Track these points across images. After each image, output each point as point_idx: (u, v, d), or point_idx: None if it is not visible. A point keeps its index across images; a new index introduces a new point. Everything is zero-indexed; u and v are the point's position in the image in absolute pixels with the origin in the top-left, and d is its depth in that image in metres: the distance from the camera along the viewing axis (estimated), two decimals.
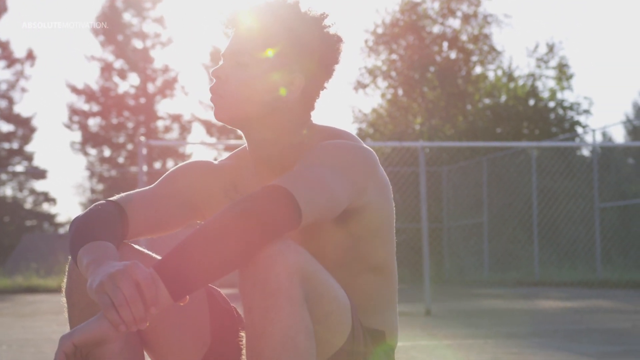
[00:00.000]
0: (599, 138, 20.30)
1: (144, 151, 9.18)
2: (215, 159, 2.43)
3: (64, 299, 2.11)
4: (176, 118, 37.47)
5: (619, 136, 41.20)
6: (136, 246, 2.17)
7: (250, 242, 1.80)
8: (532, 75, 20.82)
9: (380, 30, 23.40)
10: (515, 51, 51.07)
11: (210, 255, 1.78)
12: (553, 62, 20.78)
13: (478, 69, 22.46)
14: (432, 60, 22.14)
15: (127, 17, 37.66)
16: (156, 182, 2.29)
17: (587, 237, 16.78)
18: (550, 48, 20.70)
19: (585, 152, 21.50)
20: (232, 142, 12.15)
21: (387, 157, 18.38)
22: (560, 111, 20.74)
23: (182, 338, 2.14)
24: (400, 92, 22.98)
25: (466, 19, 22.38)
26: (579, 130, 20.79)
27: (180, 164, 2.33)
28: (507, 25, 25.30)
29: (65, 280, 2.11)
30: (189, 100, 61.87)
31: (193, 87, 60.31)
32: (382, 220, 2.13)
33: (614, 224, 17.19)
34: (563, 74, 20.58)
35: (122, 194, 2.20)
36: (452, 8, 22.30)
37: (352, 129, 29.72)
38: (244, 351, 1.87)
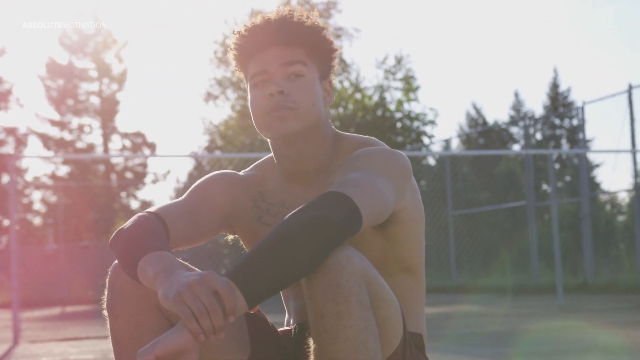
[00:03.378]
0: (439, 148, 20.86)
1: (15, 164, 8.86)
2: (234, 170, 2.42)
3: (105, 312, 2.05)
4: (11, 131, 36.19)
5: (454, 146, 42.52)
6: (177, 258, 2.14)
7: (319, 248, 1.83)
8: (380, 87, 21.26)
9: (229, 41, 23.38)
10: (364, 62, 52.19)
11: (283, 263, 1.80)
12: (400, 74, 21.29)
13: None
14: None
15: None
16: (187, 194, 2.29)
17: (439, 243, 17.27)
18: (399, 60, 21.19)
19: (431, 161, 22.12)
20: (75, 156, 11.89)
21: (235, 166, 18.36)
22: (407, 122, 21.27)
23: (224, 348, 2.11)
24: None
25: None
26: (426, 140, 21.37)
27: (208, 176, 2.34)
28: (357, 38, 25.78)
29: (106, 292, 2.05)
30: (25, 113, 59.97)
31: (29, 100, 58.46)
32: (415, 222, 2.19)
33: (463, 231, 17.76)
34: (409, 85, 21.11)
35: (159, 206, 2.19)
36: None
37: (202, 140, 29.53)
38: (311, 358, 1.86)
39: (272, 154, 2.33)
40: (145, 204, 35.70)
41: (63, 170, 35.35)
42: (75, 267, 18.63)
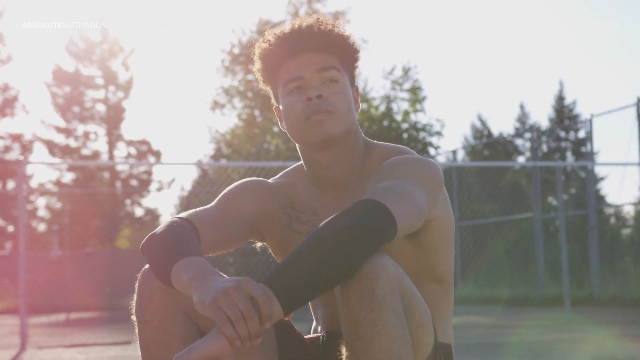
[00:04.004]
0: (444, 159, 20.94)
1: (25, 171, 8.87)
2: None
3: (134, 317, 2.05)
4: (17, 138, 36.23)
5: (459, 158, 42.53)
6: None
7: (356, 255, 1.82)
8: (387, 97, 21.25)
9: (236, 50, 23.41)
10: (372, 72, 52.22)
11: (319, 270, 1.79)
12: (407, 85, 21.27)
13: None
14: None
15: None
16: (217, 201, 2.28)
17: None
18: (406, 71, 21.18)
19: None
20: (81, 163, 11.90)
21: (242, 175, 18.34)
22: (414, 132, 21.25)
23: (253, 355, 2.11)
24: (257, 112, 23.04)
25: None
26: (432, 151, 21.36)
27: (237, 183, 2.33)
28: (365, 49, 25.77)
29: (135, 298, 2.05)
30: (31, 120, 59.89)
31: (35, 106, 58.42)
32: (447, 231, 2.19)
33: (469, 242, 17.75)
34: (416, 96, 21.09)
35: (189, 212, 2.18)
36: None
37: (208, 149, 29.52)
38: None
39: (301, 162, 2.33)
40: (150, 212, 35.74)
41: (68, 177, 35.39)
42: (79, 274, 18.64)
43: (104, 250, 22.27)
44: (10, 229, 32.86)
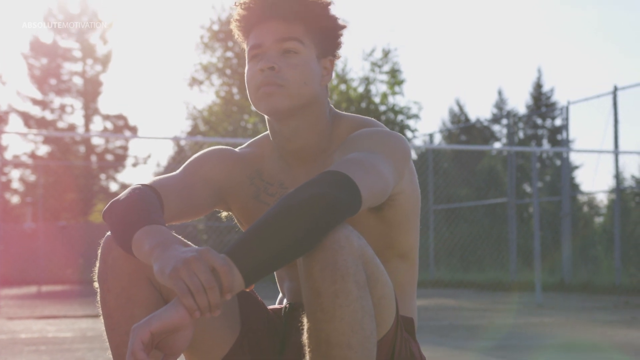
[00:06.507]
0: (421, 143, 20.91)
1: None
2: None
3: (97, 284, 2.02)
4: None
5: (436, 142, 42.61)
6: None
7: (319, 226, 1.80)
8: (366, 79, 21.20)
9: (216, 27, 23.30)
10: (351, 53, 52.07)
11: (281, 241, 1.77)
12: (387, 67, 21.22)
13: None
14: None
15: None
16: (182, 168, 2.25)
17: (420, 238, 17.28)
18: (386, 54, 21.13)
19: (413, 155, 22.11)
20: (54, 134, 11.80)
21: None
22: (391, 115, 21.23)
23: (215, 325, 2.09)
24: (235, 90, 22.96)
25: None
26: (409, 134, 21.36)
27: (204, 151, 2.30)
28: (345, 29, 25.55)
29: (98, 265, 2.02)
30: (6, 91, 59.37)
31: (11, 77, 57.85)
32: (412, 206, 2.17)
33: (443, 225, 17.81)
34: (395, 78, 21.06)
35: (154, 179, 2.14)
36: None
37: (185, 125, 29.43)
38: (305, 336, 1.85)
39: (268, 132, 2.30)
40: (125, 187, 35.59)
41: (43, 150, 35.14)
42: (52, 247, 18.57)
43: (77, 224, 22.18)
44: None
